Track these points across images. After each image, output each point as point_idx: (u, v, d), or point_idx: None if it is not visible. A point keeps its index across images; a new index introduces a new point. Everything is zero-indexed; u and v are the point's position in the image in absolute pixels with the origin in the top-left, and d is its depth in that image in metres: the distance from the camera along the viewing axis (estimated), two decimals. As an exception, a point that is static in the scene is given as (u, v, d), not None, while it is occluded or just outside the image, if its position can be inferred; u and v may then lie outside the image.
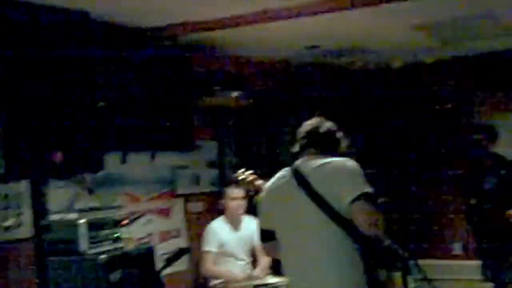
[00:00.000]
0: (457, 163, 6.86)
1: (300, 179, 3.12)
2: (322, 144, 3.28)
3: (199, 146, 5.97)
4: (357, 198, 2.94)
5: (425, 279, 6.43)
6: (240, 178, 4.08)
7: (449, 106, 7.38)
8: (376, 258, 3.17)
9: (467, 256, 7.20)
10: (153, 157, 5.38)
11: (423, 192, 7.64)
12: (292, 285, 3.22)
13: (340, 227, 3.01)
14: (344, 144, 3.35)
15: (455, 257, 7.49)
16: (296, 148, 3.35)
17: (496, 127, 6.07)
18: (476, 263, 5.89)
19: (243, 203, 5.49)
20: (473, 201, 5.76)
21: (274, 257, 3.53)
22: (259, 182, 3.93)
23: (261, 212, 3.38)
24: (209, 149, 6.17)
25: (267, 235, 3.32)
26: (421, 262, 6.54)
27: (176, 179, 5.69)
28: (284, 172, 3.29)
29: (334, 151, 3.27)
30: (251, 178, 4.01)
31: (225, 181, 6.13)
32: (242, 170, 4.10)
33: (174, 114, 5.42)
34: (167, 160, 5.57)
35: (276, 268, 4.89)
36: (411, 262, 6.25)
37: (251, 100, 6.13)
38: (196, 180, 5.98)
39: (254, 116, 6.63)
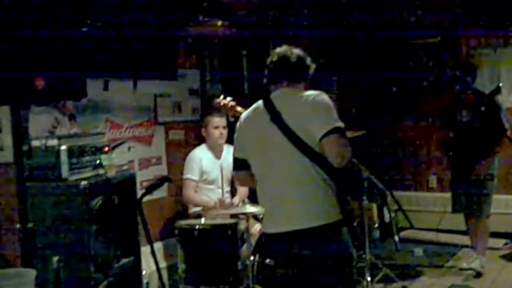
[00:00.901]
0: (437, 97, 6.90)
1: (273, 113, 3.19)
2: (294, 73, 3.32)
3: (182, 74, 5.97)
4: (329, 132, 3.02)
5: (399, 209, 6.63)
6: (220, 104, 4.11)
7: (435, 40, 7.35)
8: (349, 190, 3.27)
9: (441, 189, 7.35)
10: (135, 84, 5.37)
11: (401, 125, 7.72)
12: (266, 215, 3.34)
13: (313, 161, 3.09)
14: (313, 70, 3.39)
15: (430, 189, 7.64)
16: (266, 80, 3.41)
17: (478, 63, 6.18)
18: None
19: (225, 132, 5.54)
20: (450, 134, 5.89)
21: (247, 186, 3.62)
22: (239, 109, 3.97)
23: (235, 140, 3.45)
24: (192, 77, 6.16)
25: (240, 164, 3.41)
26: (396, 193, 6.76)
27: (158, 107, 5.70)
28: (259, 103, 3.35)
29: (305, 80, 3.34)
30: (231, 104, 4.05)
31: (206, 109, 6.16)
32: (222, 97, 4.13)
33: (157, 42, 5.38)
34: (149, 88, 5.57)
35: (254, 198, 4.98)
36: (387, 193, 6.43)
37: (234, 29, 6.09)
38: (178, 108, 5.99)
39: (238, 45, 6.59)
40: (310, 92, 3.20)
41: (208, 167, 5.52)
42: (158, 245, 5.35)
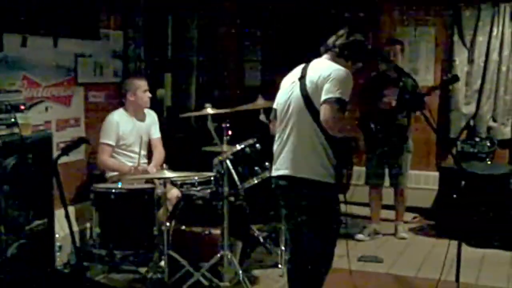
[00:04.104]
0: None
1: (302, 73, 3.78)
2: (340, 50, 3.82)
3: (104, 35, 5.85)
4: (326, 100, 3.54)
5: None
6: None
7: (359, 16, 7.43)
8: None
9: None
10: (55, 42, 5.22)
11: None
12: (275, 153, 3.90)
13: (316, 121, 3.62)
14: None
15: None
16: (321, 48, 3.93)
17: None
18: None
19: (149, 97, 5.51)
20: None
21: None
22: None
23: (278, 93, 3.98)
24: (115, 39, 6.04)
25: (275, 114, 3.97)
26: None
27: (78, 67, 5.57)
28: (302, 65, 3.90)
29: (345, 58, 3.82)
30: None
31: (129, 72, 6.08)
32: None
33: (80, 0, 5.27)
34: (70, 47, 5.42)
35: (171, 163, 4.97)
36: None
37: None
38: (100, 69, 5.87)
39: (163, 7, 6.51)
40: (336, 66, 3.72)
41: (126, 132, 5.43)
42: (71, 209, 5.27)
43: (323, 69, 3.69)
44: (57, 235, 4.51)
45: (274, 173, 3.89)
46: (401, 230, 6.31)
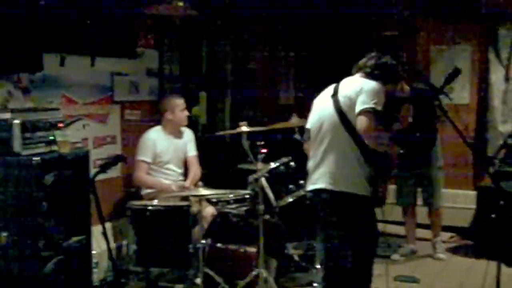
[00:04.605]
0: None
1: (334, 91, 3.81)
2: (372, 71, 3.86)
3: (140, 53, 5.92)
4: (362, 111, 3.57)
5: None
6: None
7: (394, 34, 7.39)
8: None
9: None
10: (92, 61, 5.30)
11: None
12: (309, 171, 3.90)
13: (351, 135, 3.64)
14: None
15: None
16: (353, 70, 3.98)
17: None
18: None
19: (187, 117, 5.56)
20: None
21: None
22: None
23: (310, 113, 4.01)
24: (150, 57, 6.11)
25: (308, 135, 3.99)
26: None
27: (114, 85, 5.64)
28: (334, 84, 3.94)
29: (376, 77, 3.81)
30: None
31: (164, 90, 6.14)
32: None
33: (117, 19, 5.33)
34: (106, 66, 5.50)
35: (206, 180, 4.98)
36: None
37: (195, 11, 6.04)
38: (135, 88, 5.94)
39: (198, 27, 6.56)
40: (367, 80, 3.77)
41: (163, 149, 5.48)
42: (108, 225, 5.30)
43: (356, 84, 3.74)
44: (93, 252, 4.54)
45: (310, 187, 3.88)
46: (439, 251, 6.19)
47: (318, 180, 3.80)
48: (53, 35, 4.73)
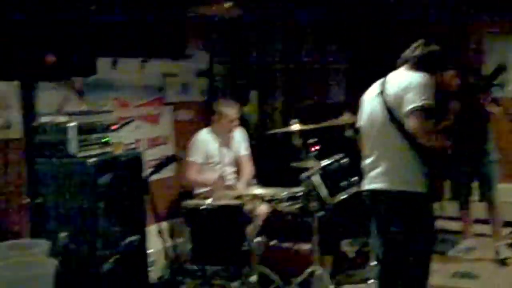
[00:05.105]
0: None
1: (381, 88, 3.75)
2: (418, 62, 3.75)
3: (190, 54, 5.96)
4: (411, 110, 3.48)
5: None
6: None
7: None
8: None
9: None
10: (143, 63, 5.36)
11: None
12: (364, 169, 3.87)
13: (401, 132, 3.58)
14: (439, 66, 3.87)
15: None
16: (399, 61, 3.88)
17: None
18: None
19: (238, 122, 5.52)
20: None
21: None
22: None
23: (360, 110, 3.98)
24: (200, 58, 6.15)
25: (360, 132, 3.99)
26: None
27: (165, 86, 5.69)
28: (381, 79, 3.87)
29: (424, 68, 3.71)
30: None
31: (215, 91, 6.17)
32: None
33: (166, 21, 5.38)
34: (157, 67, 5.56)
35: (259, 179, 4.99)
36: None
37: (242, 12, 6.06)
38: (186, 88, 5.98)
39: (247, 27, 6.58)
40: (413, 73, 3.66)
41: (214, 150, 5.48)
42: (163, 224, 5.35)
43: (402, 79, 3.66)
44: (150, 251, 4.59)
45: (367, 186, 3.85)
46: (502, 251, 5.89)
47: (375, 179, 3.77)
48: (105, 38, 4.80)
